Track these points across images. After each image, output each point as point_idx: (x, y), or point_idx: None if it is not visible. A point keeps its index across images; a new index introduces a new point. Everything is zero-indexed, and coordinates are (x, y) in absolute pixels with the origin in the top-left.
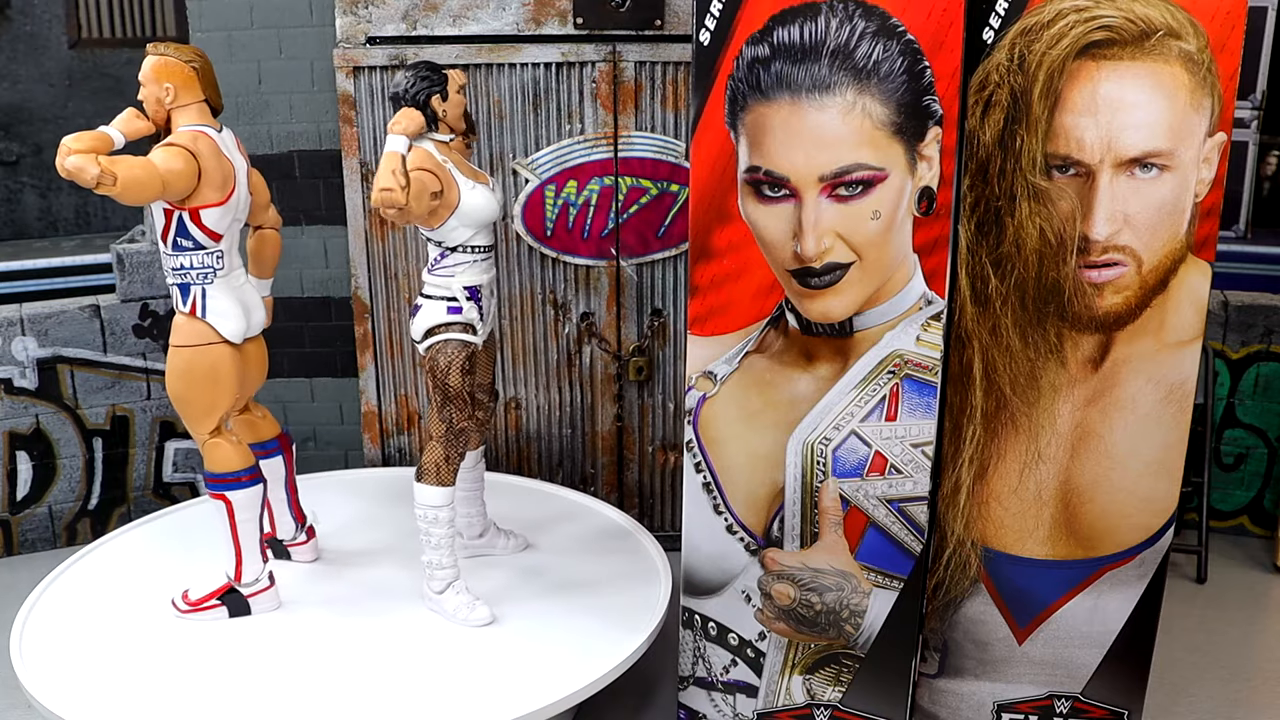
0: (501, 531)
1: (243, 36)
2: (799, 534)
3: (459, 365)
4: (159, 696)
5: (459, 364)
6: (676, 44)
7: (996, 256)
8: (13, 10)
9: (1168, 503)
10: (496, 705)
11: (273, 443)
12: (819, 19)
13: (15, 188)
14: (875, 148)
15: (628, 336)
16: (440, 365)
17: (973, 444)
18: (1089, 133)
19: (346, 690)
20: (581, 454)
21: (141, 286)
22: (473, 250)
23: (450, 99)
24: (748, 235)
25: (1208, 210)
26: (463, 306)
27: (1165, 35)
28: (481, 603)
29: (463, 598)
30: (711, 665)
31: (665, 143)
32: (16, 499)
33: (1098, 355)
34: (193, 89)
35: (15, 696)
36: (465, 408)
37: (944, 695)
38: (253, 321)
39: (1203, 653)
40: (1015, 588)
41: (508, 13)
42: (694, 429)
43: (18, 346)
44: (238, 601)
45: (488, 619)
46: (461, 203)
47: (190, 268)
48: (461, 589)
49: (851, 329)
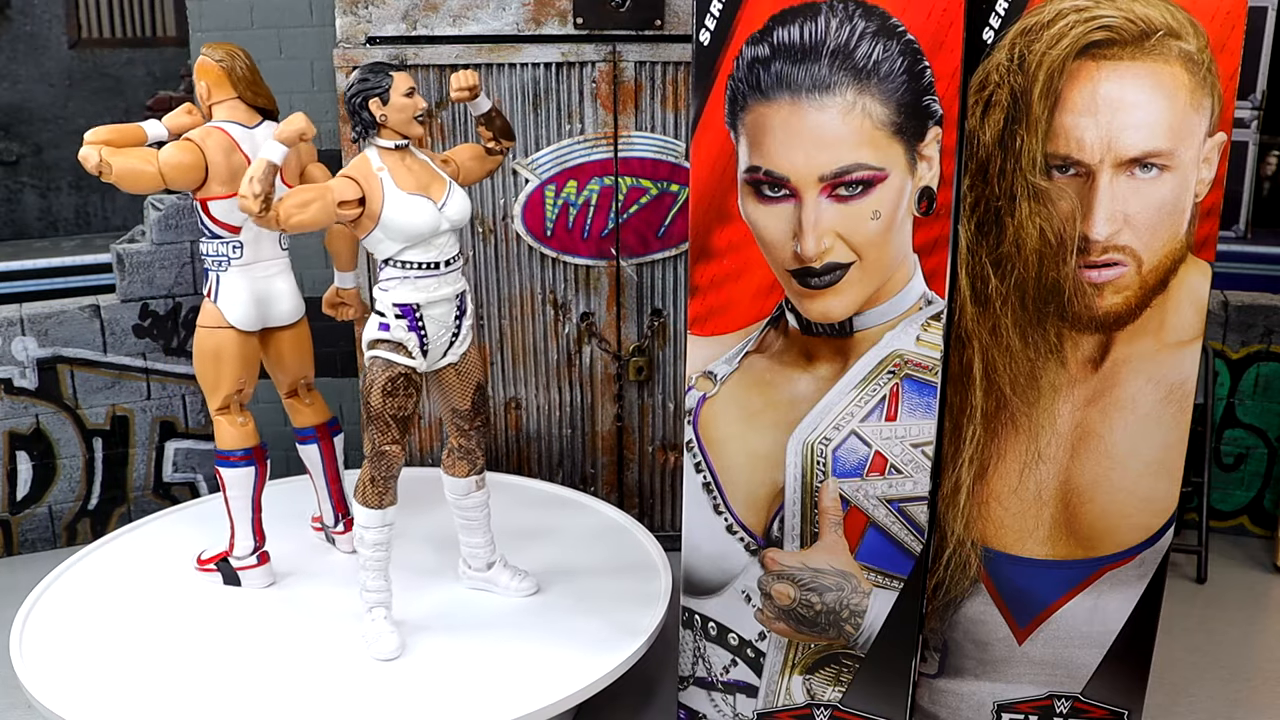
0: (510, 568)
1: (243, 36)
2: (799, 534)
3: (380, 385)
4: (159, 696)
5: (380, 384)
6: (676, 44)
7: (996, 256)
8: (13, 10)
9: (1168, 503)
10: (497, 705)
11: (310, 430)
12: (819, 19)
13: (15, 188)
14: (875, 148)
15: (628, 336)
16: (365, 382)
17: (973, 444)
18: (1089, 133)
19: (348, 689)
20: (581, 454)
21: (141, 286)
22: (404, 265)
23: (393, 102)
24: (748, 235)
25: (1208, 210)
26: (390, 324)
27: (1165, 35)
28: (396, 635)
29: (379, 625)
30: (711, 665)
31: (665, 143)
32: (16, 499)
33: (1098, 355)
34: (224, 87)
35: (15, 696)
36: (388, 431)
37: (944, 695)
38: (272, 312)
39: (1203, 653)
40: (1015, 588)
41: (508, 13)
42: (694, 429)
43: (18, 346)
44: (229, 571)
45: (392, 654)
46: (385, 215)
47: (208, 254)
48: (381, 616)
49: (851, 329)
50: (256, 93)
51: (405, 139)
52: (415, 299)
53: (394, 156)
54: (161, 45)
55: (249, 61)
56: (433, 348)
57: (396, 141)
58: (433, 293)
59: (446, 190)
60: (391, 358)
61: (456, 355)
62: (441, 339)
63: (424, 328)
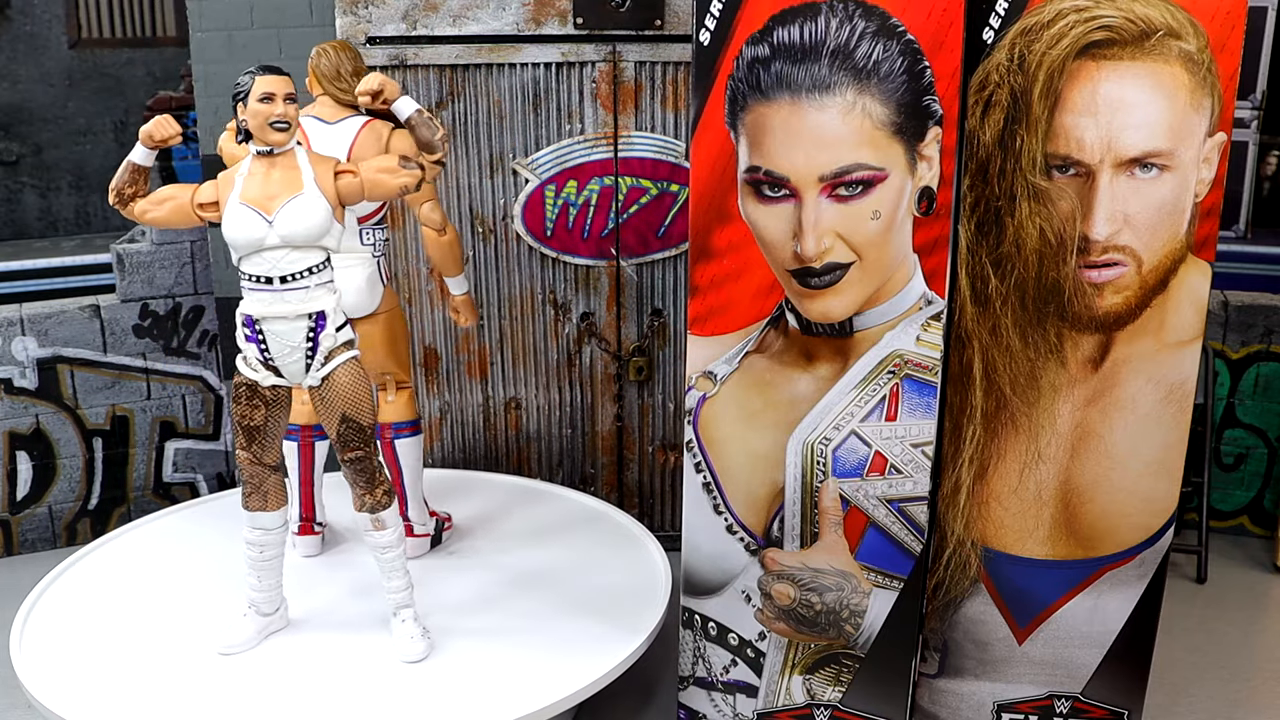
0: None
1: (243, 36)
2: (799, 534)
3: (232, 390)
4: (159, 696)
5: (233, 389)
6: (676, 44)
7: (996, 256)
8: (13, 10)
9: (1168, 503)
10: (497, 705)
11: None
12: (819, 19)
13: (15, 188)
14: (875, 148)
15: (628, 336)
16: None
17: (973, 444)
18: (1089, 133)
19: (346, 690)
20: (581, 454)
21: (141, 286)
22: (244, 275)
23: (250, 107)
24: (748, 235)
25: (1208, 210)
26: (239, 333)
27: (1165, 35)
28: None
29: (247, 621)
30: (711, 665)
31: (665, 143)
32: (16, 499)
33: (1098, 355)
34: (314, 83)
35: (15, 696)
36: (238, 436)
37: (944, 695)
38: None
39: (1203, 653)
40: (1015, 588)
41: (508, 13)
42: (694, 429)
43: (18, 346)
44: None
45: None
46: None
47: None
48: (253, 616)
49: (851, 329)
50: (342, 89)
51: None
52: (253, 311)
53: (262, 162)
54: (161, 45)
55: (337, 58)
56: (283, 365)
57: (259, 147)
58: (268, 308)
59: (289, 203)
60: (240, 365)
61: (317, 379)
62: (292, 358)
63: (265, 341)
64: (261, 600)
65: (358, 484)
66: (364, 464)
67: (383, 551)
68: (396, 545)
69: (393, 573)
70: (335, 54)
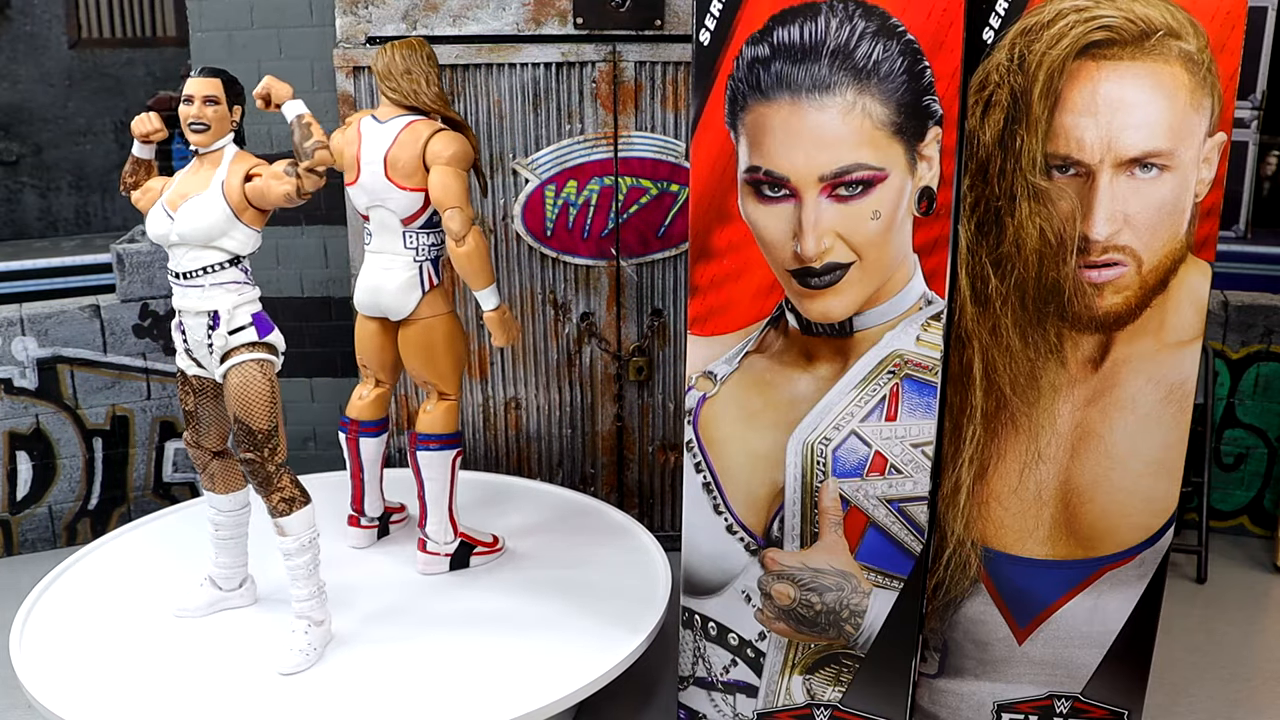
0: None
1: (243, 36)
2: (799, 534)
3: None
4: (159, 696)
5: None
6: (676, 44)
7: (996, 256)
8: (13, 10)
9: (1168, 503)
10: (497, 705)
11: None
12: (819, 19)
13: (15, 188)
14: (875, 148)
15: (628, 336)
16: None
17: (973, 444)
18: (1089, 133)
19: (346, 690)
20: (581, 454)
21: (141, 286)
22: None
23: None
24: (748, 235)
25: (1208, 210)
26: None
27: (1165, 35)
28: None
29: (203, 591)
30: (711, 665)
31: (665, 143)
32: (16, 499)
33: (1098, 355)
34: (380, 84)
35: (15, 696)
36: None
37: (944, 695)
38: (381, 302)
39: (1203, 653)
40: (1015, 588)
41: (508, 13)
42: (694, 429)
43: (18, 346)
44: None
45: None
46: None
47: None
48: (209, 587)
49: (851, 329)
50: (391, 88)
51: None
52: (174, 302)
53: (196, 161)
54: (161, 45)
55: (393, 58)
56: (198, 355)
57: (194, 147)
58: (180, 301)
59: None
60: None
61: (218, 375)
62: (200, 351)
63: (184, 332)
64: (219, 575)
65: (256, 489)
66: (255, 468)
67: (285, 558)
68: (298, 554)
69: (295, 581)
70: (390, 53)
